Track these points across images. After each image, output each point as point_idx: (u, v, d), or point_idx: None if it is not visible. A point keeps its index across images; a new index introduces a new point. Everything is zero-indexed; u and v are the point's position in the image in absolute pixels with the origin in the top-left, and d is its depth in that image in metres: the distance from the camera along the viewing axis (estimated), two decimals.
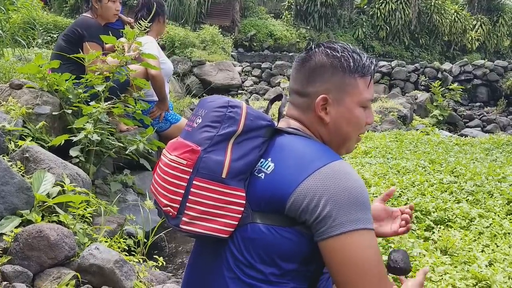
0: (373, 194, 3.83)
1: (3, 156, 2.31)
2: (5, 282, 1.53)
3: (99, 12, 3.56)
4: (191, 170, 1.12)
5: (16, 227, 1.81)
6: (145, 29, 3.20)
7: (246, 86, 12.59)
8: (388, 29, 18.23)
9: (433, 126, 9.39)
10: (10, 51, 6.37)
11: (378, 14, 18.22)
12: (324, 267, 1.18)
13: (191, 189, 1.12)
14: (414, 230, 3.24)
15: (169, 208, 1.14)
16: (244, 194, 1.14)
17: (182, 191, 1.12)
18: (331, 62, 1.22)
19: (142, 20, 3.23)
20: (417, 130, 8.33)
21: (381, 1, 18.25)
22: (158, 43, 3.91)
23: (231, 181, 1.12)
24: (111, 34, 3.27)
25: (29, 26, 8.21)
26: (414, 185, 3.97)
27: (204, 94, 11.16)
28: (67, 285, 1.61)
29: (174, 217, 1.13)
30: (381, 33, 18.31)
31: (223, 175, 1.11)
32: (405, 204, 3.61)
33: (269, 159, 1.16)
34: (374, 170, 4.54)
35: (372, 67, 1.26)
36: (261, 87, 12.40)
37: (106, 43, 3.50)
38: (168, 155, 1.18)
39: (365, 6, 19.19)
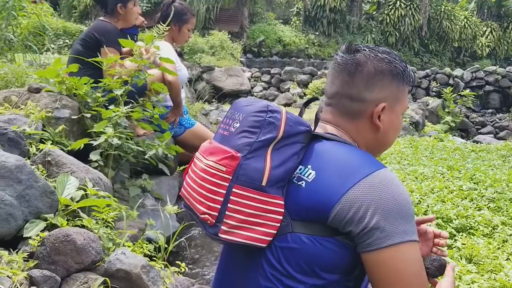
0: None
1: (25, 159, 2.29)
2: (33, 287, 1.50)
3: (123, 16, 3.56)
4: (231, 177, 1.08)
5: (41, 231, 1.78)
6: (162, 33, 3.18)
7: (256, 92, 12.58)
8: (398, 35, 18.22)
9: (446, 132, 9.32)
10: (21, 56, 6.40)
11: (388, 20, 18.22)
12: (364, 276, 1.14)
13: (231, 197, 1.08)
14: None
15: (207, 216, 1.09)
16: (283, 202, 1.10)
17: (221, 199, 1.08)
18: (390, 69, 1.19)
19: (160, 24, 3.21)
20: (430, 136, 8.27)
21: (390, 7, 18.26)
22: (176, 50, 3.90)
23: (270, 189, 1.08)
24: (125, 39, 3.25)
25: (40, 31, 8.26)
26: (433, 191, 3.91)
27: (214, 100, 11.17)
28: None
29: (212, 225, 1.09)
30: (391, 39, 18.31)
31: (263, 183, 1.07)
32: (425, 212, 3.56)
33: (309, 166, 1.12)
34: None
35: (414, 76, 1.27)
36: (271, 93, 12.39)
37: (123, 47, 3.49)
38: (203, 159, 1.14)
39: (374, 12, 19.19)
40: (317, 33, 18.57)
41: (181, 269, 2.26)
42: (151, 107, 3.20)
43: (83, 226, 1.99)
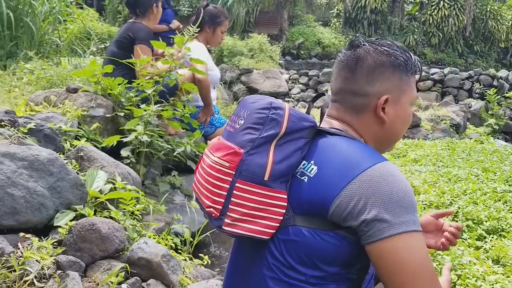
0: (422, 201, 3.74)
1: (59, 154, 2.43)
2: (59, 271, 1.60)
3: (153, 16, 3.79)
4: (234, 173, 1.12)
5: (71, 221, 1.90)
6: (192, 35, 3.28)
7: (293, 94, 12.61)
8: (441, 35, 17.80)
9: (488, 135, 9.05)
10: (67, 60, 6.69)
11: (431, 21, 17.83)
12: (368, 269, 1.17)
13: (234, 192, 1.12)
14: (465, 239, 3.15)
15: (212, 209, 1.15)
16: (286, 196, 1.13)
17: (225, 193, 1.13)
18: (390, 61, 1.21)
19: (191, 26, 3.32)
20: (470, 139, 8.06)
21: (433, 7, 17.86)
22: (209, 51, 4.00)
23: (273, 184, 1.12)
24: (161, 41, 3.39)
25: (85, 35, 8.59)
26: (466, 193, 3.84)
27: None
28: (117, 276, 1.67)
29: (217, 218, 1.14)
30: (433, 40, 17.90)
31: (265, 178, 1.11)
32: (456, 213, 3.51)
33: (312, 162, 1.15)
34: (424, 178, 4.43)
35: (420, 65, 1.26)
36: (308, 95, 12.38)
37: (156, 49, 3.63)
38: (211, 156, 1.19)
39: (417, 13, 18.81)
40: (357, 34, 18.37)
41: (204, 262, 2.34)
42: (181, 106, 3.30)
43: (110, 218, 2.09)
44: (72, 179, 2.03)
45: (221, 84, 11.73)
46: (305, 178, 1.13)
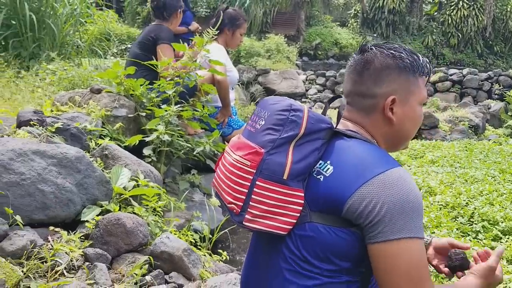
0: (438, 202, 3.77)
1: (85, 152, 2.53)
2: (87, 263, 1.69)
3: (176, 20, 3.97)
4: (255, 171, 1.18)
5: (97, 216, 1.99)
6: (212, 37, 3.37)
7: (310, 95, 12.62)
8: (460, 36, 17.60)
9: (507, 136, 8.96)
10: (87, 61, 6.84)
11: (449, 21, 17.64)
12: None
13: (254, 189, 1.18)
14: (480, 240, 3.17)
15: (233, 205, 1.21)
16: (302, 194, 1.19)
17: (246, 190, 1.19)
18: (396, 63, 1.27)
19: (210, 29, 3.41)
20: (489, 140, 8.00)
21: (452, 7, 17.67)
22: (227, 52, 4.08)
23: (291, 182, 1.18)
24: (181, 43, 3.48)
25: (105, 37, 8.75)
26: (482, 194, 3.85)
27: None
28: (140, 268, 1.75)
29: (238, 214, 1.21)
30: (452, 40, 17.71)
31: (284, 177, 1.17)
32: (471, 214, 3.52)
33: (328, 162, 1.21)
34: (441, 179, 4.44)
35: (429, 66, 1.31)
36: (325, 96, 12.39)
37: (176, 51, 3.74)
38: (232, 154, 1.25)
39: (435, 13, 18.65)
40: (375, 35, 18.30)
41: (222, 257, 2.42)
42: (201, 106, 3.39)
43: (134, 213, 2.18)
44: (98, 176, 2.13)
45: (238, 84, 11.81)
46: (321, 177, 1.19)
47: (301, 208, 1.19)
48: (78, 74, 4.95)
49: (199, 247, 2.54)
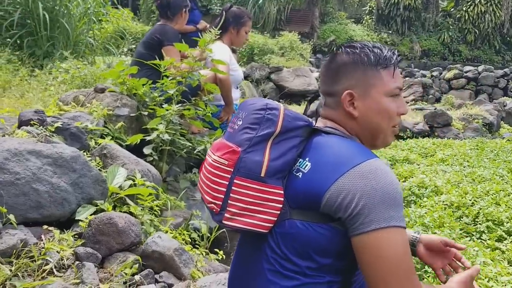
0: (443, 202, 3.73)
1: (84, 152, 2.56)
2: (78, 262, 1.72)
3: (181, 20, 3.97)
4: (232, 170, 1.20)
5: (91, 215, 2.02)
6: (215, 37, 3.38)
7: None
8: (477, 32, 17.36)
9: None
10: (101, 59, 6.92)
11: (466, 17, 17.41)
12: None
13: (232, 187, 1.20)
14: (484, 240, 3.13)
15: (212, 205, 1.23)
16: (282, 192, 1.20)
17: (224, 189, 1.21)
18: (352, 59, 1.29)
19: (213, 28, 3.42)
20: (503, 138, 7.88)
21: (469, 3, 17.43)
22: (235, 51, 4.09)
23: (269, 180, 1.19)
24: (189, 42, 3.49)
25: (119, 35, 8.83)
26: (488, 194, 3.80)
27: (280, 100, 11.33)
28: (131, 267, 1.78)
29: (217, 213, 1.23)
30: (469, 36, 17.48)
31: (262, 174, 1.19)
32: (476, 214, 3.48)
33: (307, 159, 1.22)
34: (448, 178, 4.39)
35: (394, 58, 1.30)
36: None
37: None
38: (212, 155, 1.27)
39: (452, 9, 18.40)
40: (390, 31, 18.15)
41: (219, 256, 2.43)
42: (203, 105, 3.41)
43: (130, 213, 2.21)
44: (94, 176, 2.16)
45: (251, 82, 11.83)
46: (300, 174, 1.21)
47: (281, 205, 1.20)
48: (91, 72, 5.02)
49: (197, 245, 2.56)
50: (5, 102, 4.53)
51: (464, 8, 17.50)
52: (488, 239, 3.13)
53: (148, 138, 2.94)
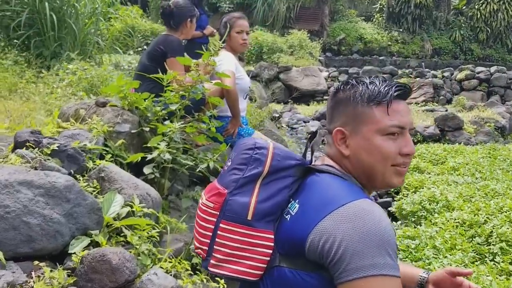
0: (455, 219, 3.61)
1: (81, 174, 2.48)
2: None
3: (186, 30, 3.81)
4: (218, 213, 1.15)
5: (85, 247, 1.94)
6: (218, 49, 3.28)
7: None
8: (489, 31, 17.07)
9: None
10: (108, 57, 6.88)
11: (478, 15, 17.12)
12: None
13: (218, 232, 1.14)
14: (497, 263, 3.02)
15: (199, 250, 1.18)
16: (272, 236, 1.13)
17: (210, 234, 1.16)
18: (345, 96, 1.22)
19: (216, 41, 3.31)
20: None
21: (481, 2, 17.13)
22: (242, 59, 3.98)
23: (257, 223, 1.12)
24: (196, 48, 3.37)
25: (127, 33, 8.79)
26: (502, 211, 3.67)
27: (289, 100, 11.21)
28: None
29: (204, 259, 1.17)
30: (481, 35, 17.20)
31: (249, 217, 1.12)
32: (490, 233, 3.37)
33: (297, 200, 1.15)
34: (460, 192, 4.27)
35: (390, 93, 1.18)
36: None
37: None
38: (203, 197, 1.22)
39: (464, 7, 18.12)
40: (400, 29, 17.90)
41: (219, 286, 2.34)
42: (207, 120, 3.31)
43: (127, 242, 2.13)
44: (89, 204, 2.07)
45: (259, 82, 11.72)
46: (288, 217, 1.14)
47: (270, 251, 1.12)
48: (97, 74, 4.96)
49: (198, 271, 2.47)
50: (10, 106, 4.48)
51: (476, 6, 17.20)
52: (502, 262, 3.01)
53: (149, 157, 2.85)
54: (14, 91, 5.19)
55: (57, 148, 2.40)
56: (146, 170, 2.81)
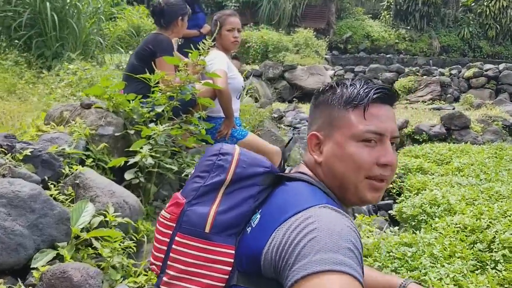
0: (456, 224, 3.45)
1: (57, 181, 2.36)
2: None
3: (177, 29, 3.69)
4: (174, 225, 1.03)
5: (51, 261, 1.82)
6: (208, 48, 3.15)
7: None
8: (499, 28, 16.77)
9: None
10: (109, 58, 6.82)
11: (487, 12, 16.82)
12: None
13: (173, 246, 1.02)
14: (500, 271, 2.86)
15: (154, 266, 1.06)
16: (232, 252, 1.00)
17: (165, 248, 1.04)
18: (324, 99, 1.12)
19: (206, 39, 3.18)
20: None
21: None
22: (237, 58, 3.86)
23: (215, 237, 1.00)
24: (192, 47, 3.24)
25: (130, 33, 8.75)
26: (505, 215, 3.50)
27: (293, 99, 11.08)
28: None
29: (157, 275, 1.05)
30: (490, 32, 16.89)
31: (206, 230, 1.00)
32: (492, 239, 3.20)
33: (260, 211, 1.02)
34: (463, 194, 4.10)
35: (369, 96, 1.05)
36: None
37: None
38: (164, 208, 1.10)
39: (472, 4, 17.82)
40: (408, 27, 17.65)
41: None
42: (196, 122, 3.19)
43: (98, 254, 2.00)
44: (57, 214, 1.95)
45: (264, 80, 11.60)
46: (249, 229, 1.01)
47: (229, 268, 0.99)
48: (98, 74, 4.89)
49: None
50: (6, 107, 4.41)
51: (485, 3, 16.90)
52: (504, 270, 2.85)
53: (130, 161, 2.72)
54: (13, 92, 5.13)
55: (30, 154, 2.28)
56: (128, 175, 2.69)
